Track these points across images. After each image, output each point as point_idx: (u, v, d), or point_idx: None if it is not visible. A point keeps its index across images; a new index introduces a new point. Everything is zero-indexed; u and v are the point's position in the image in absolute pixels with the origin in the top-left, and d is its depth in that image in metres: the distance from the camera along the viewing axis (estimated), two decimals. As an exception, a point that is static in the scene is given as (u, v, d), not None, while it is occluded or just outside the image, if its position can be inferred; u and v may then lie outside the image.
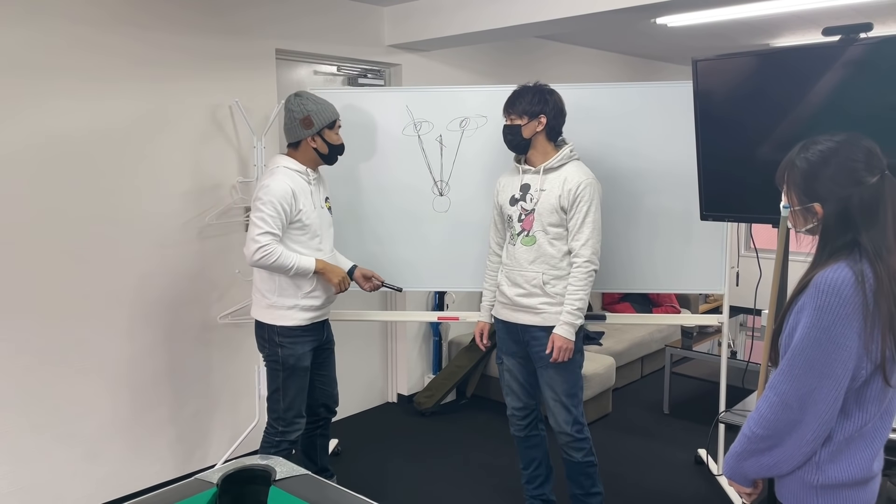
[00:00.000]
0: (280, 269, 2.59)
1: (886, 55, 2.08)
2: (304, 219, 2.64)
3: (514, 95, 2.63)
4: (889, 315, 1.36)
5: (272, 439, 2.76)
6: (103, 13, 2.90)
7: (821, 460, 1.44)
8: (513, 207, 2.67)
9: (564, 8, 3.24)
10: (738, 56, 2.34)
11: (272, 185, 2.57)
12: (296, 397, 2.75)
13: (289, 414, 2.74)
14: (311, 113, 2.64)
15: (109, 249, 3.01)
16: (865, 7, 4.00)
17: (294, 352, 2.71)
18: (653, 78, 6.12)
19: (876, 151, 1.43)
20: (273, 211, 2.55)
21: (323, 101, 2.69)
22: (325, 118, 2.66)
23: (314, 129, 2.65)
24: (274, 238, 2.56)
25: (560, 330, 2.57)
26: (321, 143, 2.68)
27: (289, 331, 2.70)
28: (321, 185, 2.80)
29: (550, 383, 2.66)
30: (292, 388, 2.73)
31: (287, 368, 2.71)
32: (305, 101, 2.66)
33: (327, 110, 2.68)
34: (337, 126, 2.72)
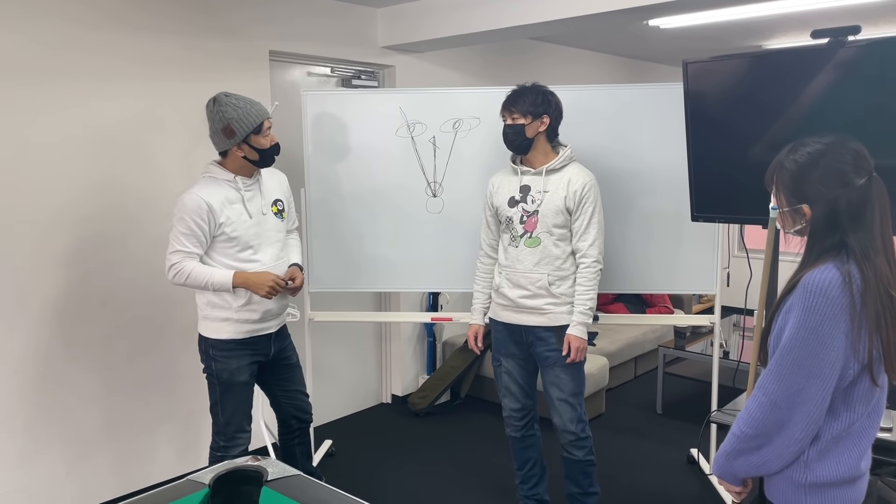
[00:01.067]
0: (195, 286, 2.45)
1: (875, 58, 2.09)
2: (229, 231, 2.46)
3: (515, 95, 2.61)
4: (876, 315, 1.37)
5: (214, 454, 2.62)
6: (96, 13, 2.89)
7: (809, 459, 1.45)
8: (512, 209, 2.67)
9: (557, 10, 3.25)
10: (728, 58, 2.36)
11: (185, 200, 2.41)
12: (235, 412, 2.58)
13: (228, 429, 2.59)
14: (231, 120, 2.39)
15: (102, 249, 3.00)
16: (857, 8, 4.02)
17: (227, 366, 2.54)
18: (646, 79, 6.14)
19: (863, 153, 1.44)
20: (185, 228, 2.40)
21: (244, 105, 2.41)
22: (248, 124, 2.40)
23: (237, 138, 2.41)
24: (186, 255, 2.41)
25: (575, 330, 2.60)
26: (249, 150, 2.45)
27: (222, 343, 2.54)
28: (262, 189, 2.58)
29: (557, 383, 2.67)
30: (230, 403, 2.57)
31: (222, 383, 2.56)
32: (224, 108, 2.39)
33: (250, 115, 2.40)
34: (266, 128, 2.46)
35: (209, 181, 2.48)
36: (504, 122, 2.62)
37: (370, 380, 4.38)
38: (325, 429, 3.98)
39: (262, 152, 2.48)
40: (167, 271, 2.44)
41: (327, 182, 3.33)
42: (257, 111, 2.44)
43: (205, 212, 2.41)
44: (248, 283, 2.47)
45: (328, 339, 4.03)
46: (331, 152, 3.32)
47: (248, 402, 2.64)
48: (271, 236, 2.58)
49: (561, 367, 2.64)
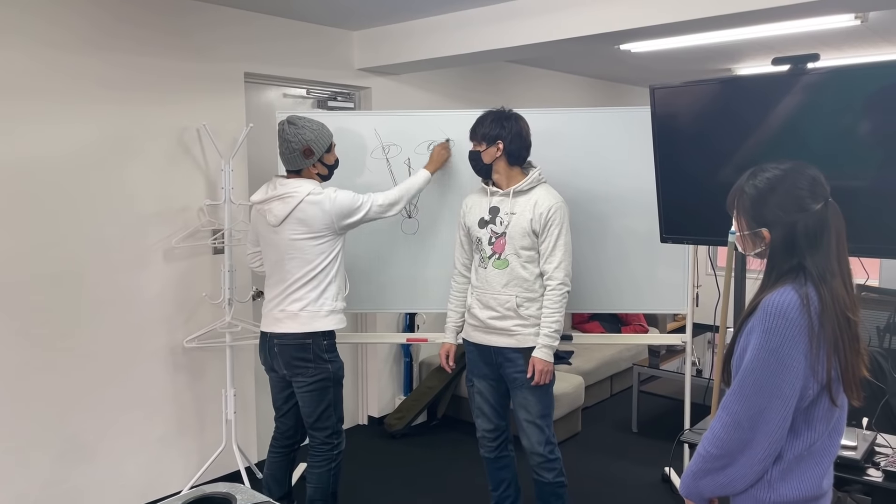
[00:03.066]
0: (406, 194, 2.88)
1: (835, 85, 2.16)
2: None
3: (476, 121, 2.69)
4: (833, 337, 1.41)
5: (330, 453, 2.79)
6: (69, 35, 2.89)
7: (772, 479, 1.47)
8: (482, 230, 2.69)
9: (529, 34, 3.31)
10: (695, 84, 2.42)
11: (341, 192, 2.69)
12: (342, 407, 2.82)
13: (340, 425, 2.81)
14: (310, 142, 2.65)
15: (74, 273, 2.97)
16: (820, 34, 4.14)
17: (339, 362, 2.77)
18: (619, 100, 6.24)
19: (820, 180, 1.49)
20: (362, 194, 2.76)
21: (318, 126, 2.70)
22: (323, 144, 2.70)
23: (315, 157, 2.68)
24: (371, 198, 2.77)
25: (539, 353, 2.60)
26: (321, 167, 2.74)
27: (333, 344, 2.75)
28: None
29: (525, 404, 2.68)
30: (341, 399, 2.79)
31: (337, 381, 2.76)
32: (302, 130, 2.65)
33: (324, 135, 2.71)
34: (333, 146, 2.78)
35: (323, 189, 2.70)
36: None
37: (346, 401, 4.30)
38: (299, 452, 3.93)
39: (330, 168, 2.79)
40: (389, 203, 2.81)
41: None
42: (328, 132, 2.74)
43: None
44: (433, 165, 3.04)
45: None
46: (306, 174, 3.32)
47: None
48: None
49: (528, 388, 2.65)
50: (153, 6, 3.14)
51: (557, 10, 3.20)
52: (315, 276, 2.68)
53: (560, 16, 3.20)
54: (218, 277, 3.40)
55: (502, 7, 3.38)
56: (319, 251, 2.67)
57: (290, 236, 2.65)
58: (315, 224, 2.64)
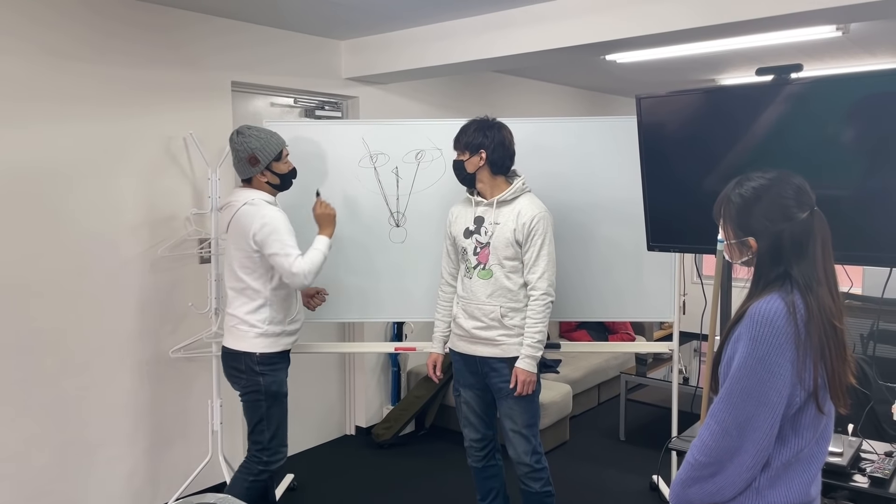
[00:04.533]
0: (320, 266, 2.68)
1: (817, 94, 2.19)
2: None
3: (459, 130, 2.68)
4: (820, 345, 1.42)
5: (254, 468, 2.74)
6: (56, 46, 2.87)
7: (761, 486, 1.48)
8: (467, 240, 2.69)
9: (516, 45, 3.33)
10: (681, 94, 2.45)
11: (273, 215, 2.62)
12: (280, 424, 2.76)
13: (273, 443, 2.75)
14: (256, 150, 2.64)
15: (59, 282, 2.94)
16: (803, 45, 4.20)
17: (276, 378, 2.73)
18: (606, 109, 6.29)
19: (805, 188, 1.50)
20: (290, 235, 2.63)
21: (266, 135, 2.69)
22: (270, 152, 2.67)
23: (261, 165, 2.67)
24: (301, 255, 2.63)
25: (522, 364, 2.59)
26: (271, 175, 2.71)
27: (269, 357, 2.71)
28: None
29: (510, 414, 2.67)
30: (276, 417, 2.74)
31: (270, 396, 2.72)
32: (248, 139, 2.66)
33: (271, 143, 2.68)
34: (285, 155, 2.74)
35: (265, 203, 2.67)
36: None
37: (333, 411, 4.33)
38: (286, 462, 3.89)
39: (282, 177, 2.74)
40: (304, 276, 2.60)
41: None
42: (277, 140, 2.71)
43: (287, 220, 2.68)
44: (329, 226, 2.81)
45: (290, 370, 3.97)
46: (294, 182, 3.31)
47: (287, 414, 2.81)
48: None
49: (513, 398, 2.64)
50: (140, 15, 3.13)
51: (544, 21, 3.23)
52: (243, 291, 2.69)
53: (546, 27, 3.22)
54: (204, 287, 3.38)
55: (490, 17, 3.40)
56: (243, 265, 2.66)
57: (229, 244, 2.72)
58: (239, 236, 2.65)
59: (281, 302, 2.73)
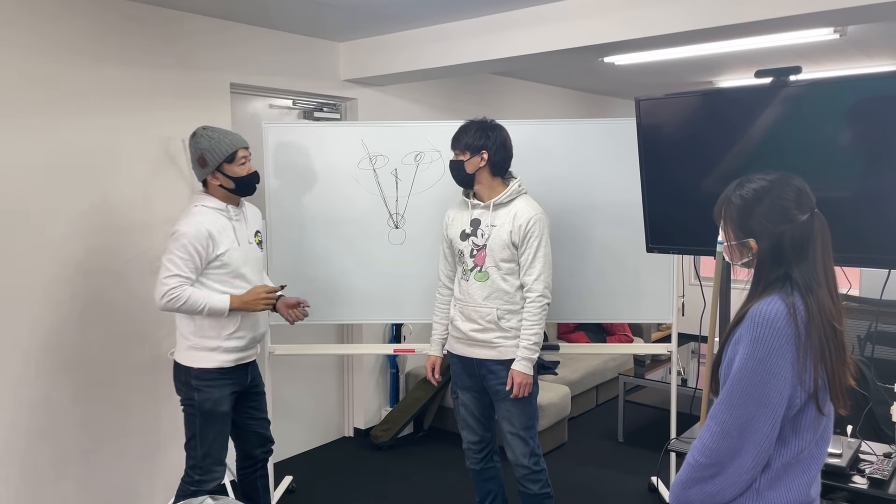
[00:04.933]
0: (190, 311, 2.48)
1: (815, 96, 2.20)
2: (225, 258, 2.53)
3: (458, 131, 2.67)
4: (820, 346, 1.42)
5: (187, 488, 2.61)
6: (54, 47, 2.87)
7: (761, 487, 1.48)
8: (464, 242, 2.69)
9: (514, 47, 3.34)
10: (678, 96, 2.45)
11: (186, 228, 2.46)
12: (214, 444, 2.60)
13: (206, 462, 2.60)
14: (204, 151, 2.50)
15: (56, 283, 2.93)
16: (800, 48, 4.21)
17: (210, 395, 2.56)
18: (604, 111, 6.30)
19: (806, 190, 1.51)
20: (184, 253, 2.44)
21: (218, 136, 2.52)
22: (219, 154, 2.50)
23: (210, 167, 2.51)
24: (184, 281, 2.45)
25: (518, 366, 2.59)
26: (224, 178, 2.54)
27: (206, 373, 2.56)
28: (247, 219, 2.67)
29: (508, 417, 2.68)
30: (210, 435, 2.59)
31: (204, 413, 2.57)
32: (199, 140, 2.53)
33: (221, 144, 2.50)
34: (240, 157, 2.54)
35: (203, 210, 2.54)
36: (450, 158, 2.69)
37: (332, 413, 4.33)
38: (285, 464, 3.91)
39: (237, 181, 2.55)
40: (161, 296, 2.45)
41: (289, 214, 3.32)
42: (230, 141, 2.53)
43: (205, 238, 2.47)
44: (244, 304, 2.55)
45: (289, 372, 3.98)
46: (292, 184, 3.32)
47: (227, 434, 2.66)
48: (255, 265, 2.68)
49: (511, 401, 2.64)
50: (139, 17, 3.13)
51: (541, 23, 3.24)
52: None
53: (544, 29, 3.23)
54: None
55: (488, 20, 3.41)
56: None
57: None
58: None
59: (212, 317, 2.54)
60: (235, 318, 2.57)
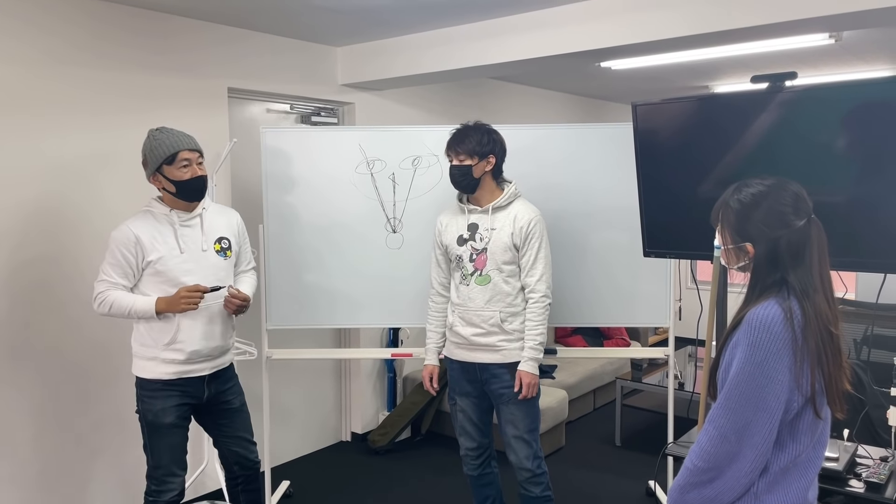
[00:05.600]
0: (119, 315, 2.43)
1: (811, 101, 2.21)
2: (157, 265, 2.42)
3: (461, 135, 2.63)
4: (817, 351, 1.43)
5: (147, 498, 2.54)
6: (51, 52, 2.87)
7: (759, 491, 1.49)
8: (462, 248, 2.69)
9: (511, 52, 3.35)
10: (675, 101, 2.46)
11: (115, 232, 2.43)
12: (163, 455, 2.51)
13: (157, 472, 2.52)
14: (145, 152, 2.44)
15: (52, 288, 2.93)
16: (796, 52, 4.23)
17: (151, 407, 2.48)
18: (601, 116, 6.31)
19: (803, 196, 1.51)
20: (112, 258, 2.41)
21: (163, 136, 2.42)
22: (158, 155, 2.40)
23: (150, 168, 2.44)
24: (112, 286, 2.41)
25: (525, 366, 2.60)
26: (164, 181, 2.44)
27: (148, 383, 2.49)
28: (205, 226, 2.54)
29: (512, 420, 2.67)
30: (157, 446, 2.51)
31: (148, 424, 2.50)
32: (146, 141, 2.45)
33: (162, 145, 2.40)
34: (180, 159, 2.41)
35: (145, 214, 2.49)
36: (450, 162, 2.65)
37: (329, 417, 4.32)
38: (282, 469, 3.90)
39: (177, 184, 2.44)
40: (93, 301, 2.43)
41: (286, 218, 3.32)
42: (172, 142, 2.41)
43: (132, 244, 2.41)
44: (168, 304, 2.42)
45: (286, 376, 3.98)
46: (290, 189, 3.32)
47: (177, 446, 2.55)
48: (210, 273, 2.52)
49: (515, 404, 2.65)
50: (137, 22, 3.13)
51: (539, 29, 3.25)
52: None
53: (542, 34, 3.24)
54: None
55: (486, 24, 3.42)
56: None
57: None
58: None
59: (153, 322, 2.46)
60: (171, 328, 2.45)
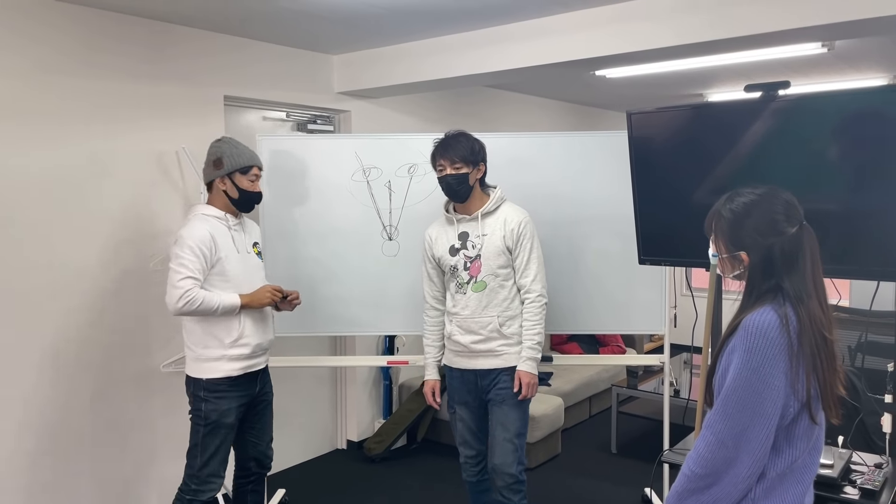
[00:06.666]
0: (206, 312, 2.53)
1: (804, 110, 2.23)
2: (225, 264, 2.59)
3: (451, 143, 2.62)
4: (812, 356, 1.44)
5: (183, 497, 2.64)
6: (48, 59, 2.87)
7: (756, 497, 1.49)
8: (454, 257, 2.70)
9: (506, 60, 3.37)
10: (671, 109, 2.48)
11: (190, 232, 2.54)
12: (214, 456, 2.63)
13: (203, 472, 2.62)
14: (224, 155, 2.61)
15: (50, 295, 2.92)
16: (789, 61, 4.26)
17: (218, 407, 2.60)
18: (596, 124, 6.34)
19: (794, 203, 1.53)
20: (192, 255, 2.50)
21: (240, 147, 2.65)
22: (236, 162, 2.60)
23: (224, 170, 2.60)
24: (196, 282, 2.50)
25: (524, 366, 2.63)
26: (230, 185, 2.62)
27: (214, 384, 2.60)
28: (245, 230, 2.74)
29: (503, 421, 2.68)
30: (211, 446, 2.62)
31: (208, 424, 2.61)
32: (222, 145, 2.64)
33: (241, 155, 2.62)
34: (252, 173, 2.65)
35: (203, 217, 2.61)
36: (442, 172, 2.62)
37: (325, 425, 4.31)
38: (278, 477, 3.88)
39: (242, 192, 2.64)
40: (176, 300, 2.48)
41: (282, 226, 3.32)
42: (249, 156, 2.65)
43: (209, 240, 2.55)
44: (252, 299, 2.63)
45: (281, 383, 3.96)
46: (286, 196, 3.32)
47: (228, 447, 2.69)
48: (254, 274, 2.72)
49: (509, 405, 2.67)
50: (133, 29, 3.14)
51: (535, 38, 3.27)
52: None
53: (537, 43, 3.26)
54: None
55: (481, 33, 3.44)
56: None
57: None
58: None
59: (214, 323, 2.60)
60: (236, 326, 2.61)
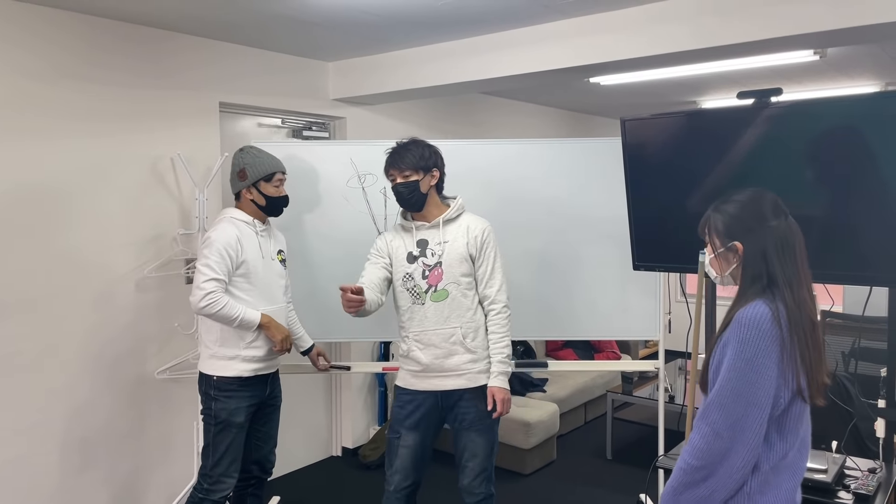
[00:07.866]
0: (224, 318, 2.57)
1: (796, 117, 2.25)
2: (250, 267, 2.65)
3: (401, 152, 2.54)
4: (800, 344, 1.50)
5: (195, 495, 2.68)
6: (43, 65, 2.87)
7: (752, 491, 1.52)
8: (412, 265, 2.56)
9: (501, 67, 3.39)
10: (664, 116, 2.49)
11: (217, 233, 2.61)
12: (225, 455, 2.67)
13: (215, 471, 2.66)
14: (247, 166, 2.70)
15: (44, 302, 2.91)
16: (781, 69, 4.29)
17: (227, 406, 2.65)
18: (589, 130, 6.37)
19: (779, 202, 1.61)
20: (218, 257, 2.56)
21: (262, 156, 2.73)
22: (259, 171, 2.70)
23: (248, 181, 2.70)
24: (220, 285, 2.56)
25: (497, 381, 2.50)
26: (257, 194, 2.72)
27: (226, 383, 2.65)
28: (272, 236, 2.82)
29: (474, 450, 2.56)
30: (222, 445, 2.66)
31: (219, 423, 2.65)
32: (244, 155, 2.73)
33: (263, 164, 2.71)
34: (276, 179, 2.74)
35: (232, 220, 2.68)
36: (393, 181, 2.54)
37: (320, 432, 4.30)
38: (273, 484, 3.87)
39: (269, 199, 2.74)
40: (199, 299, 2.52)
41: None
42: (272, 163, 2.74)
43: (235, 241, 2.61)
44: (272, 326, 2.68)
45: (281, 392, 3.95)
46: (281, 203, 3.32)
47: (239, 447, 2.72)
48: (275, 280, 2.78)
49: (477, 430, 2.54)
50: (128, 36, 3.14)
51: (530, 44, 3.29)
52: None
53: (532, 50, 3.28)
54: (191, 307, 3.36)
55: (476, 41, 3.46)
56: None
57: None
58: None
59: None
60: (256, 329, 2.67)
